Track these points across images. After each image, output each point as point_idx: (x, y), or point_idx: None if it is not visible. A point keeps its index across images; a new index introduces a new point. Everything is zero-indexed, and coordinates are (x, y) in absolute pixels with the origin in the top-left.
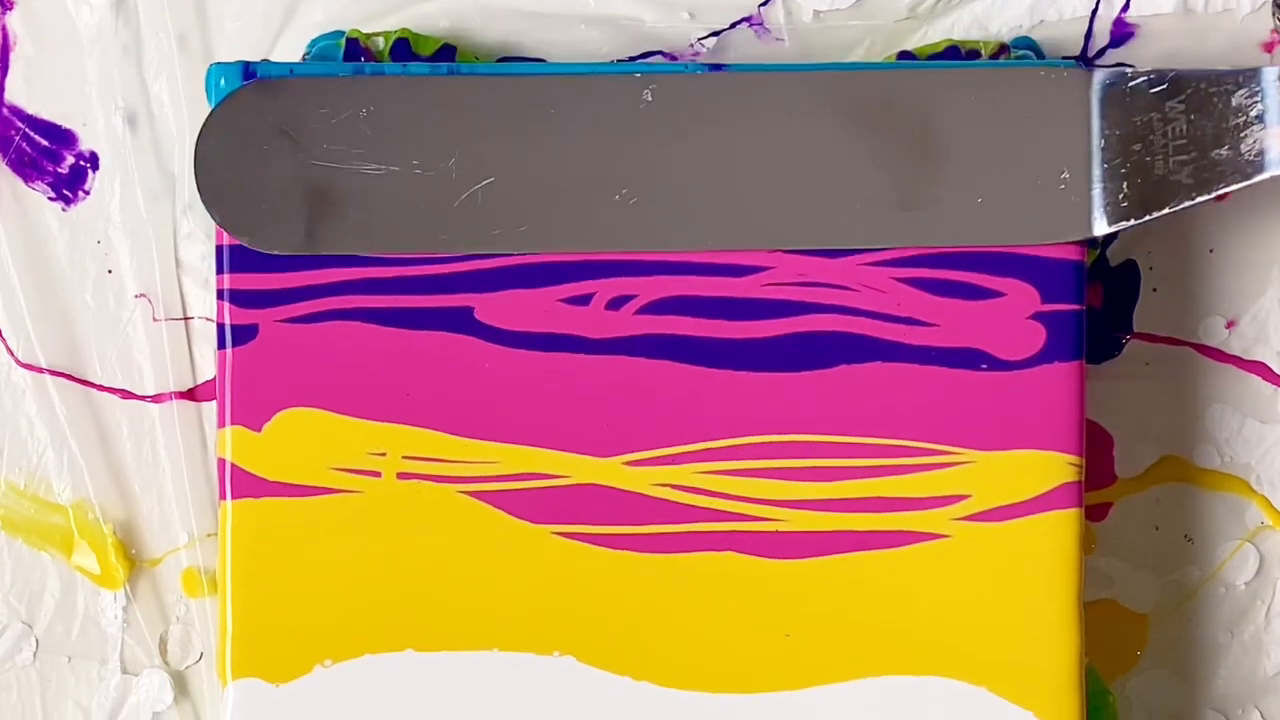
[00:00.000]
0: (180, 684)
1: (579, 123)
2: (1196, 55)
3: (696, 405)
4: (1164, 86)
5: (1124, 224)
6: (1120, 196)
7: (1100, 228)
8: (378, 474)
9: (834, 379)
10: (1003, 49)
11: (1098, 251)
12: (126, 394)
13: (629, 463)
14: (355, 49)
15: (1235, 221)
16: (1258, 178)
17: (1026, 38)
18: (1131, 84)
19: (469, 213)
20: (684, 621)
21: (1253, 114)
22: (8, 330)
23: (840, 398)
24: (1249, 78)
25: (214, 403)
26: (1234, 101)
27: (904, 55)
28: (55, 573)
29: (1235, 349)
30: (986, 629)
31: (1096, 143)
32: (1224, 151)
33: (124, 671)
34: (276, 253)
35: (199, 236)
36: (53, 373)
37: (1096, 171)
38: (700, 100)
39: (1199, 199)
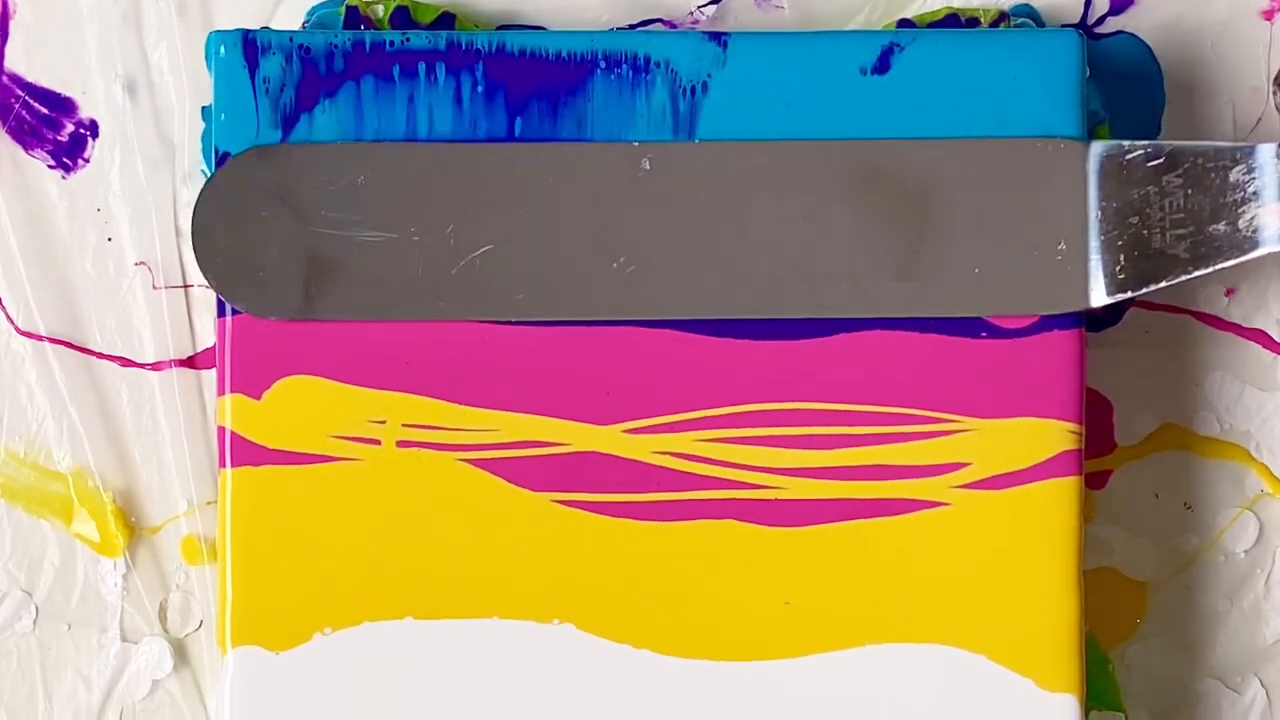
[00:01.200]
0: (180, 652)
1: (577, 191)
2: (1197, 21)
3: (696, 373)
4: (1161, 160)
5: (1121, 296)
6: (1118, 269)
7: (1098, 299)
8: (378, 442)
9: (834, 347)
10: (1002, 17)
11: None
12: (126, 362)
13: (629, 430)
14: (355, 17)
15: None
16: (1254, 254)
17: (1026, 5)
18: (1129, 156)
19: (467, 280)
20: (684, 589)
21: (1250, 190)
22: (7, 298)
23: (840, 365)
24: (1246, 154)
25: (214, 370)
26: (1231, 177)
27: (904, 24)
28: (55, 540)
29: (1235, 316)
30: (986, 597)
31: (1094, 215)
32: (1221, 227)
33: (124, 639)
34: (274, 319)
35: None
36: (52, 340)
37: (1094, 243)
38: (697, 169)
39: (1196, 273)
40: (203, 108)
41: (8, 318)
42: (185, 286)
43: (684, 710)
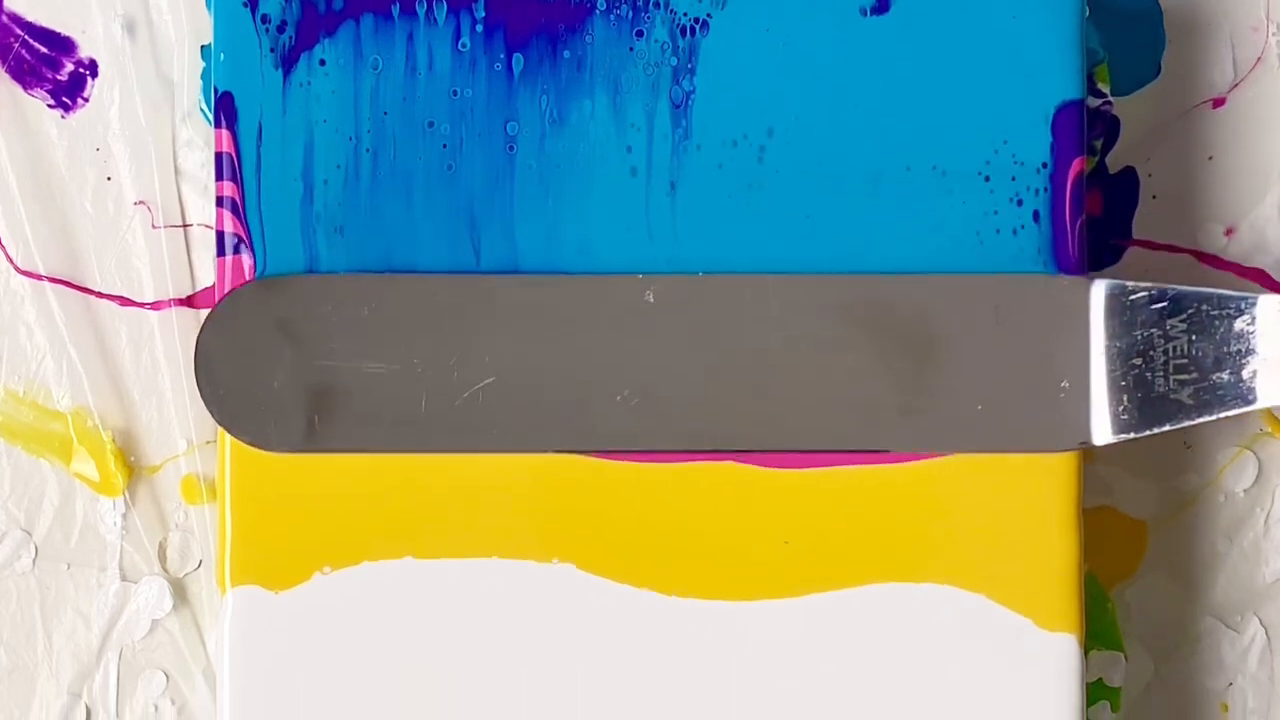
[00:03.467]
0: (179, 591)
1: (581, 323)
2: None
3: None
4: (1165, 304)
5: (1124, 437)
6: (1120, 409)
7: (1100, 438)
8: None
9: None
10: None
11: (1096, 159)
12: (125, 301)
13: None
14: None
15: (1234, 128)
16: (1257, 407)
17: None
18: (1132, 297)
19: (470, 412)
20: (684, 529)
21: (1253, 342)
22: (6, 237)
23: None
24: (1250, 304)
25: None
26: (1235, 327)
27: None
28: (54, 480)
29: (1234, 256)
30: (985, 536)
31: (1096, 354)
32: (1225, 376)
33: (123, 579)
34: (276, 451)
35: (198, 144)
36: (51, 280)
37: (1096, 383)
38: (702, 302)
39: (1200, 420)
40: (202, 47)
41: (7, 257)
42: (185, 226)
43: (685, 649)
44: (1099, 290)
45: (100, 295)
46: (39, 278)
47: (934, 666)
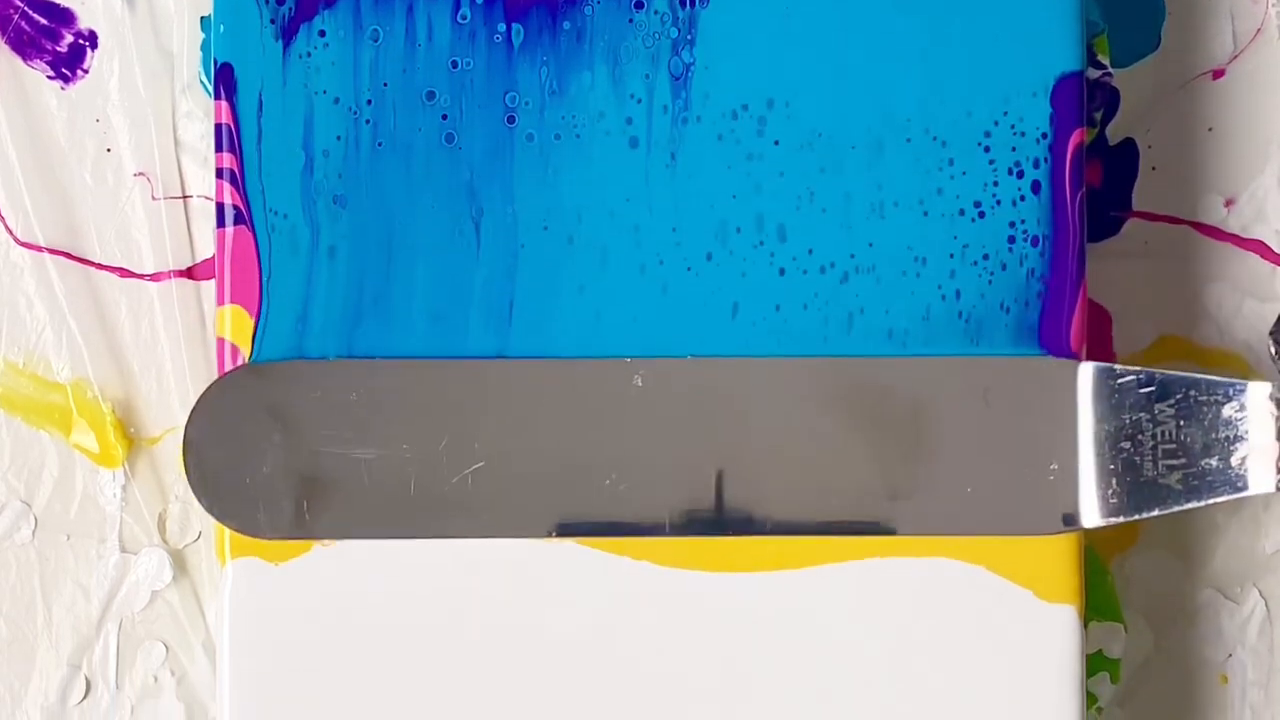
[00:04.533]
0: (179, 562)
1: (569, 408)
2: None
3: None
4: (1152, 388)
5: (1115, 521)
6: (1110, 492)
7: (1090, 521)
8: None
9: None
10: None
11: (1096, 130)
12: (125, 272)
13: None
14: None
15: (1234, 99)
16: (1246, 494)
17: None
18: (1120, 380)
19: (459, 497)
20: None
21: (1242, 429)
22: (6, 209)
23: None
24: (1238, 391)
25: (212, 281)
26: (1223, 413)
27: None
28: (54, 451)
29: (1234, 227)
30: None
31: (1085, 437)
32: (1214, 462)
33: (123, 550)
34: (266, 539)
35: (198, 115)
36: (51, 251)
37: (1085, 466)
38: (690, 386)
39: (1190, 506)
40: (201, 18)
41: (7, 228)
42: (184, 197)
43: (685, 621)
44: (1087, 373)
45: (100, 267)
46: (39, 249)
47: (935, 638)
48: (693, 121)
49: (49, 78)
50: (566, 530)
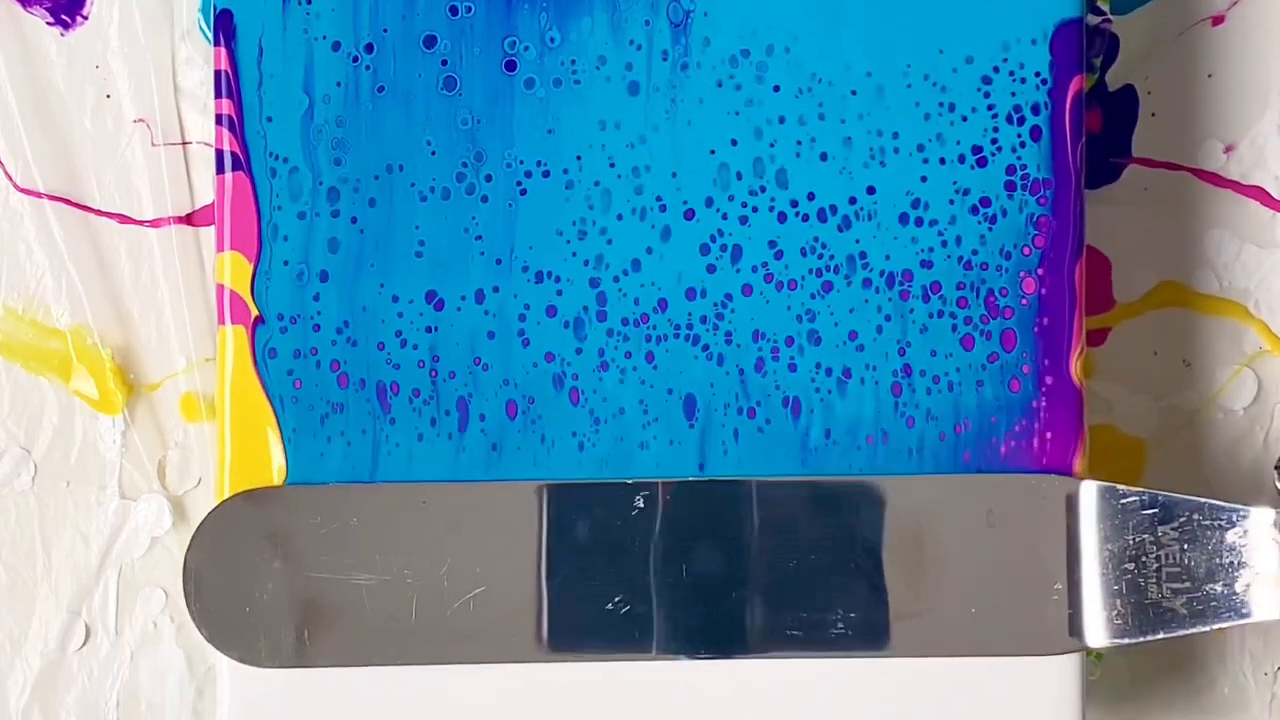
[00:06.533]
0: (179, 509)
1: (571, 530)
2: None
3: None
4: (1155, 510)
5: (1119, 642)
6: (1114, 614)
7: (1094, 642)
8: None
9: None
10: None
11: (1096, 76)
12: (125, 219)
13: None
14: None
15: (1233, 46)
16: (1250, 620)
17: None
18: (1123, 501)
19: (461, 623)
20: None
21: (1245, 555)
22: (6, 155)
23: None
24: (1241, 517)
25: (212, 227)
26: (1227, 539)
27: None
28: (54, 398)
29: (1233, 173)
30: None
31: (1088, 558)
32: (1218, 588)
33: (122, 496)
34: (268, 668)
35: (197, 61)
36: (51, 197)
37: (1089, 587)
38: (691, 508)
39: (1195, 630)
40: None
41: (6, 175)
42: (184, 144)
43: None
44: (1090, 492)
45: (99, 213)
46: (38, 195)
47: None
48: (692, 67)
49: (48, 24)
50: (569, 656)
